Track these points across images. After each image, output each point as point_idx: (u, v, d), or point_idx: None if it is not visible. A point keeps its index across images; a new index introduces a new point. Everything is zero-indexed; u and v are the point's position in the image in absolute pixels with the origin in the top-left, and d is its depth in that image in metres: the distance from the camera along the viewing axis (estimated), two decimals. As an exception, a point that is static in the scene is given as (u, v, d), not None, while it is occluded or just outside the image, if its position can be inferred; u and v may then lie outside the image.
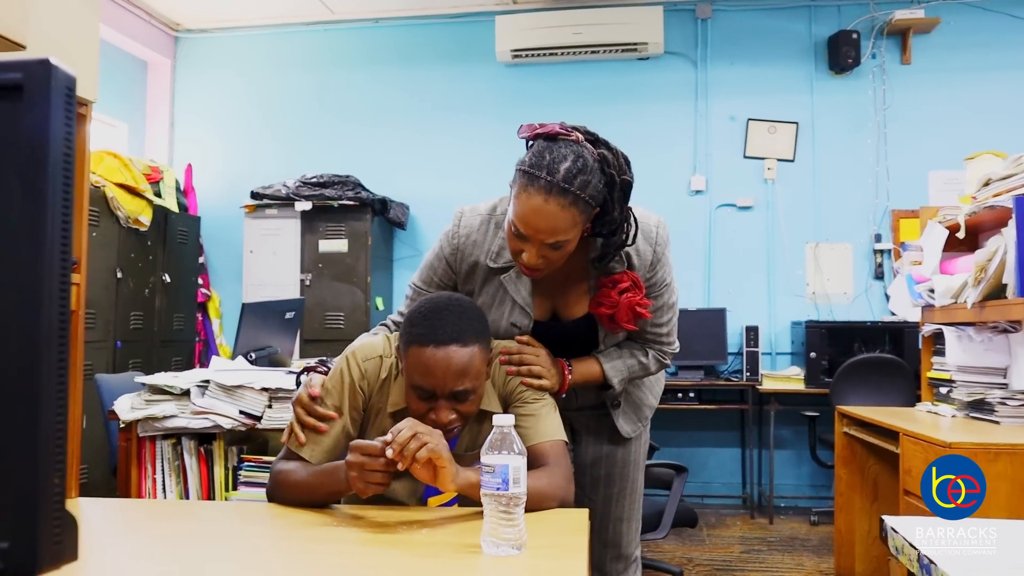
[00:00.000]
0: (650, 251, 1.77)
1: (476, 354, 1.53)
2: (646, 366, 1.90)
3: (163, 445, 2.87)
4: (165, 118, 6.01)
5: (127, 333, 4.76)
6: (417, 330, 1.53)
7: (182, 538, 1.39)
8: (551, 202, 1.54)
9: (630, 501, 2.04)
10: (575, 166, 1.54)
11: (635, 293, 1.72)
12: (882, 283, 5.26)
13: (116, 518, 1.57)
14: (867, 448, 3.54)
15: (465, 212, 1.84)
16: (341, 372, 1.68)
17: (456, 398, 1.53)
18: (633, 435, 2.02)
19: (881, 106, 5.30)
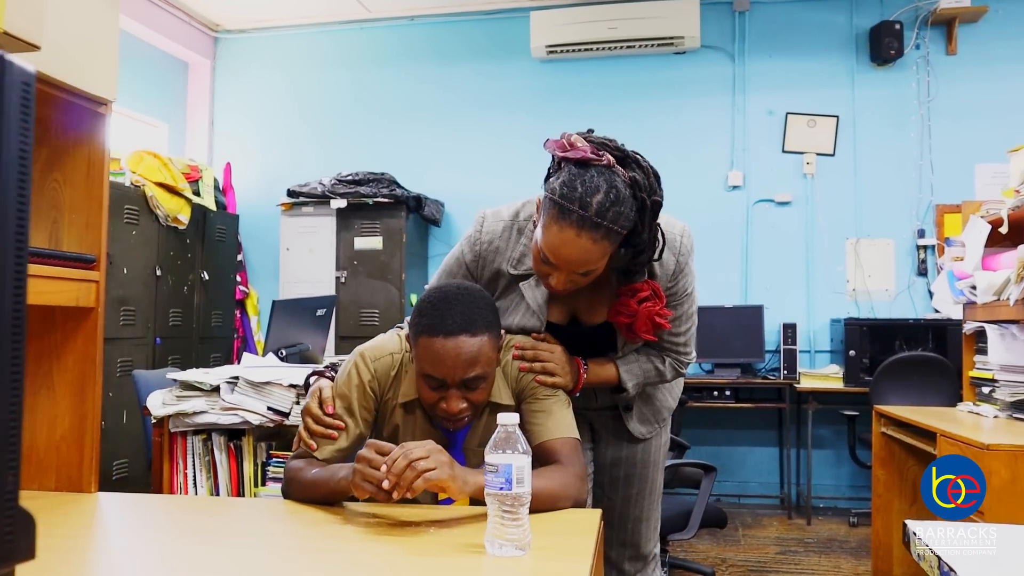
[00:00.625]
0: (673, 260, 1.73)
1: (486, 343, 1.53)
2: (662, 373, 1.86)
3: (194, 441, 2.91)
4: (205, 118, 6.10)
5: (166, 330, 4.84)
6: (426, 320, 1.52)
7: (188, 534, 1.40)
8: (583, 236, 1.50)
9: (649, 501, 2.01)
10: (607, 199, 1.49)
11: (655, 303, 1.68)
12: (925, 280, 5.13)
13: (129, 513, 1.59)
14: (906, 449, 3.45)
15: (487, 217, 1.81)
16: (350, 374, 1.68)
17: (467, 386, 1.53)
18: (649, 436, 1.99)
19: (925, 98, 5.16)
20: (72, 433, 1.63)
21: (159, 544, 1.34)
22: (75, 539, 1.34)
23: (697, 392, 4.91)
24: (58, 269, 1.55)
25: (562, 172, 1.55)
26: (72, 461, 1.63)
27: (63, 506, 1.53)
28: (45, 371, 1.65)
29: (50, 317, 1.65)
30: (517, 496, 1.20)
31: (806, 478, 4.90)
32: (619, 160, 1.56)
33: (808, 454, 4.84)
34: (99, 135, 1.67)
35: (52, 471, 1.64)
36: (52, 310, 1.64)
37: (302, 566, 1.20)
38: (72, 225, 1.66)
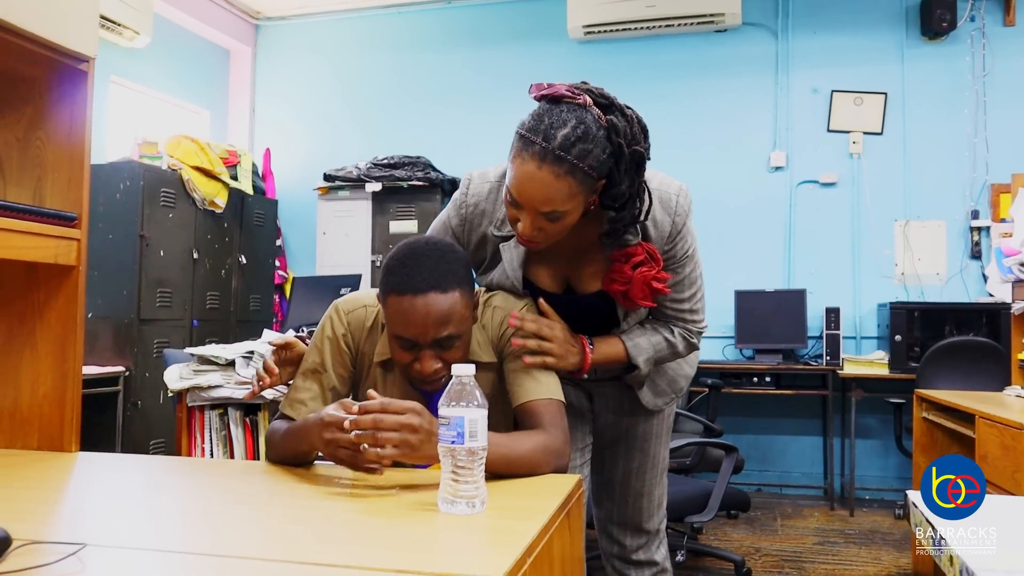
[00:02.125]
0: (668, 221, 1.62)
1: (458, 300, 1.45)
2: (673, 345, 1.74)
3: (211, 415, 2.92)
4: (246, 104, 6.16)
5: (203, 312, 4.89)
6: (395, 278, 1.46)
7: (150, 491, 1.38)
8: (544, 169, 1.42)
9: (651, 475, 1.93)
10: (574, 133, 1.41)
11: (650, 267, 1.58)
12: (979, 263, 4.89)
13: (103, 471, 1.57)
14: (949, 435, 3.29)
15: (474, 178, 1.73)
16: (323, 328, 1.65)
17: (440, 346, 1.47)
18: (664, 407, 1.90)
19: (980, 72, 4.92)
20: (54, 392, 1.63)
21: (123, 498, 1.31)
22: (46, 492, 1.32)
23: (736, 378, 4.78)
24: (38, 225, 1.54)
25: (535, 110, 1.49)
26: (54, 420, 1.62)
27: (41, 463, 1.52)
28: (28, 330, 1.64)
29: (33, 276, 1.64)
30: (470, 450, 1.14)
31: (850, 468, 4.72)
32: (600, 105, 1.47)
33: (852, 443, 4.67)
34: (81, 93, 1.65)
35: (35, 430, 1.63)
36: (35, 269, 1.63)
37: (251, 523, 1.16)
38: (56, 183, 1.66)
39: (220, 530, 1.10)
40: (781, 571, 3.54)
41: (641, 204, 1.55)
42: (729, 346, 5.06)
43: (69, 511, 1.24)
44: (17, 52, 1.54)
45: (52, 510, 1.23)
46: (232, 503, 1.27)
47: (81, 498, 1.33)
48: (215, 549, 0.99)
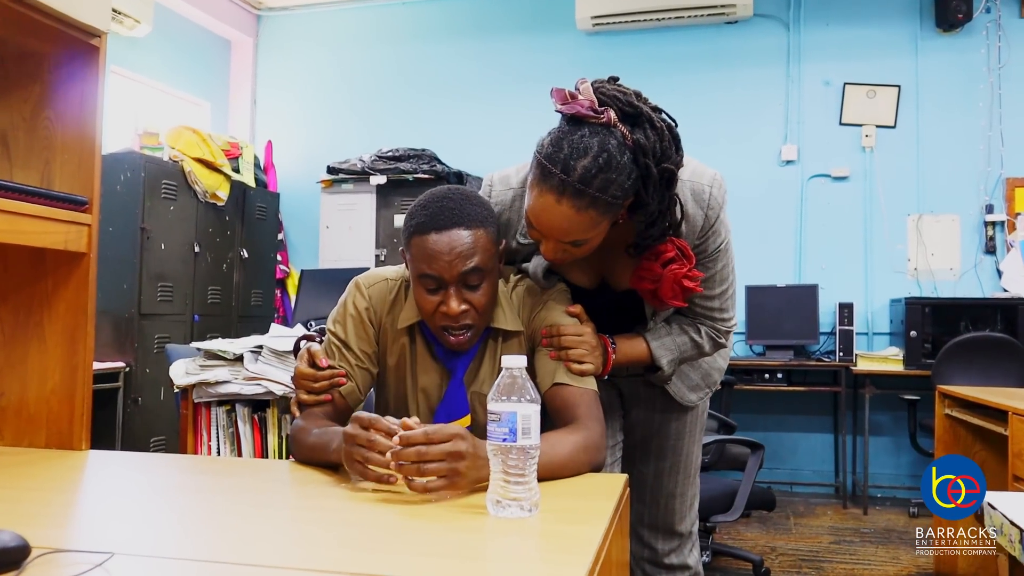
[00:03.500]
0: (700, 215, 1.52)
1: (482, 235, 1.42)
2: (699, 345, 1.66)
3: (218, 412, 2.83)
4: (247, 96, 6.05)
5: (205, 307, 4.80)
6: (417, 220, 1.42)
7: (176, 492, 1.29)
8: (564, 203, 1.34)
9: (684, 476, 1.84)
10: (595, 163, 1.32)
11: (682, 264, 1.49)
12: (993, 258, 4.83)
13: (119, 471, 1.48)
14: (972, 432, 3.22)
15: (495, 183, 1.64)
16: (346, 305, 1.59)
17: (466, 283, 1.42)
18: (698, 403, 1.82)
19: (995, 65, 4.85)
20: (63, 387, 1.53)
21: (144, 501, 1.22)
22: (60, 494, 1.23)
23: (747, 375, 4.70)
24: (47, 209, 1.45)
25: (554, 130, 1.40)
26: (63, 416, 1.53)
27: (50, 461, 1.43)
28: (36, 321, 1.55)
29: (40, 263, 1.55)
30: (523, 449, 1.06)
31: (862, 466, 4.65)
32: (628, 118, 1.37)
33: (865, 440, 4.59)
34: (93, 71, 1.56)
35: (42, 427, 1.54)
36: (43, 255, 1.54)
37: (289, 528, 1.08)
38: (65, 165, 1.57)
39: (252, 538, 1.01)
40: (799, 571, 3.46)
41: (672, 217, 1.47)
42: (740, 342, 4.98)
43: (88, 515, 1.15)
44: (24, 25, 1.45)
45: (69, 514, 1.14)
46: (261, 506, 1.18)
47: (99, 500, 1.24)
48: (248, 558, 0.90)
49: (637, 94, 1.42)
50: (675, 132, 1.42)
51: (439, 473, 1.13)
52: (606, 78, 1.46)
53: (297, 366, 1.57)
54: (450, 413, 1.55)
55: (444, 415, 1.56)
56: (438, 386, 1.57)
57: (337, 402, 1.53)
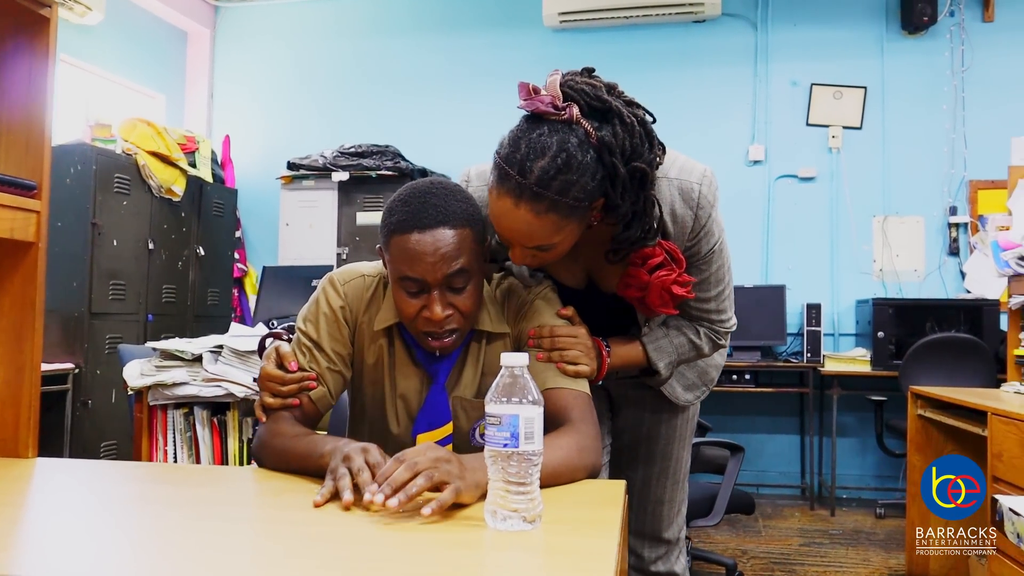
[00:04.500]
0: (690, 215, 1.42)
1: (468, 235, 1.31)
2: (698, 347, 1.58)
3: (174, 415, 2.69)
4: (204, 89, 5.87)
5: (159, 306, 4.62)
6: (398, 217, 1.31)
7: (137, 503, 1.17)
8: (523, 207, 1.25)
9: (672, 481, 1.76)
10: (553, 164, 1.23)
11: (671, 270, 1.40)
12: (957, 259, 4.86)
13: (70, 480, 1.35)
14: (944, 432, 3.20)
15: (472, 179, 1.54)
16: (318, 302, 1.46)
17: (450, 287, 1.31)
18: (695, 402, 1.74)
19: (959, 68, 4.88)
20: (8, 389, 1.40)
21: (98, 515, 1.10)
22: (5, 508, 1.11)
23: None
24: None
25: (513, 129, 1.31)
26: (7, 421, 1.40)
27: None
28: (-22, 316, 1.42)
29: (-16, 254, 1.42)
30: (525, 455, 0.97)
31: (829, 467, 4.64)
32: (595, 113, 1.28)
33: (832, 442, 4.59)
34: (42, 45, 1.44)
35: (-15, 433, 1.41)
36: (-14, 245, 1.41)
37: (274, 543, 0.97)
38: (11, 148, 1.44)
39: (222, 560, 0.90)
40: (772, 574, 3.42)
41: (649, 220, 1.36)
42: (707, 343, 4.94)
43: (35, 535, 1.03)
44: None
45: (14, 533, 1.02)
46: (229, 520, 1.07)
47: (49, 517, 1.11)
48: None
49: (610, 87, 1.33)
50: (649, 128, 1.33)
51: (431, 480, 1.03)
52: (580, 70, 1.37)
53: (263, 367, 1.44)
54: (431, 421, 1.45)
55: (424, 423, 1.46)
56: (418, 391, 1.47)
57: (306, 407, 1.42)
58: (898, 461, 4.74)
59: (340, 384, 1.46)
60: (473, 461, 1.12)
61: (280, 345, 1.46)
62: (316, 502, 1.07)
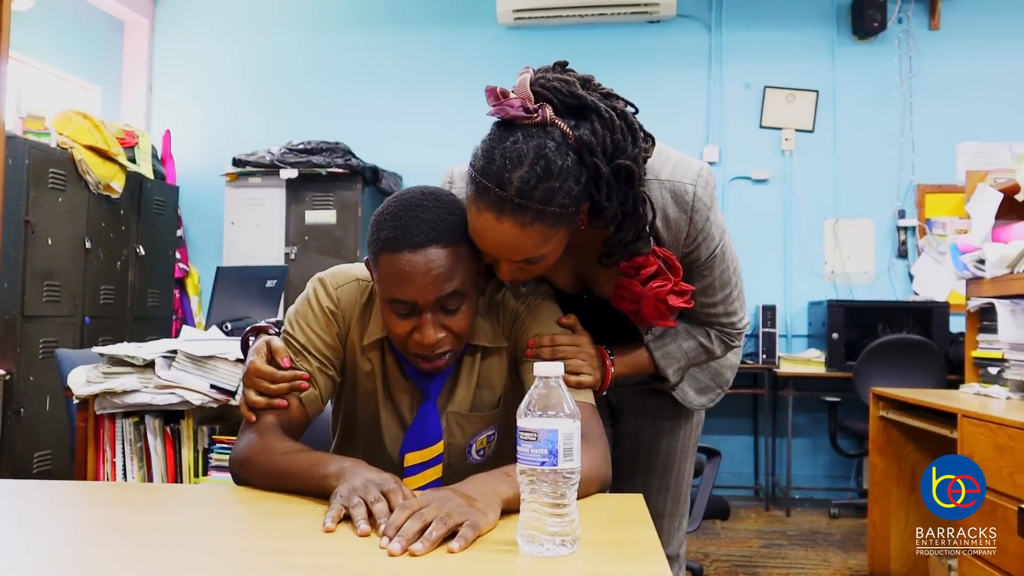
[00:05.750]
0: (684, 220, 1.32)
1: (463, 254, 1.22)
2: (709, 350, 1.49)
3: (123, 424, 2.52)
4: (142, 81, 5.62)
5: (97, 308, 4.39)
6: (387, 233, 1.20)
7: (90, 531, 1.05)
8: (506, 221, 1.16)
9: (675, 495, 1.69)
10: (533, 173, 1.14)
11: (665, 280, 1.31)
12: (905, 262, 4.94)
13: (11, 505, 1.22)
14: (905, 434, 3.23)
15: (456, 180, 1.43)
16: (310, 302, 1.36)
17: (443, 309, 1.22)
18: (708, 405, 1.66)
19: (907, 74, 4.97)
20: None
21: (47, 546, 0.98)
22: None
23: (671, 378, 4.64)
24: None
25: (486, 139, 1.22)
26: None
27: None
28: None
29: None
30: (563, 473, 0.89)
31: (784, 468, 4.67)
32: (570, 111, 1.20)
33: (788, 443, 4.61)
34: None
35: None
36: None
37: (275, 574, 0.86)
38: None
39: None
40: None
41: (643, 220, 1.27)
42: (662, 345, 4.92)
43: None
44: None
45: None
46: (227, 551, 0.96)
47: None
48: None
49: (584, 80, 1.26)
50: (631, 119, 1.25)
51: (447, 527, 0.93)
52: (551, 65, 1.29)
53: (251, 361, 1.32)
54: (420, 440, 1.36)
55: (413, 441, 1.37)
56: (409, 407, 1.38)
57: (294, 410, 1.31)
58: (850, 462, 4.80)
59: (330, 389, 1.37)
60: (476, 486, 1.04)
61: (272, 339, 1.35)
62: (328, 527, 0.96)
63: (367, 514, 0.98)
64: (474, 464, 1.38)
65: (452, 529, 0.93)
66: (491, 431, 1.39)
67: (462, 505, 0.97)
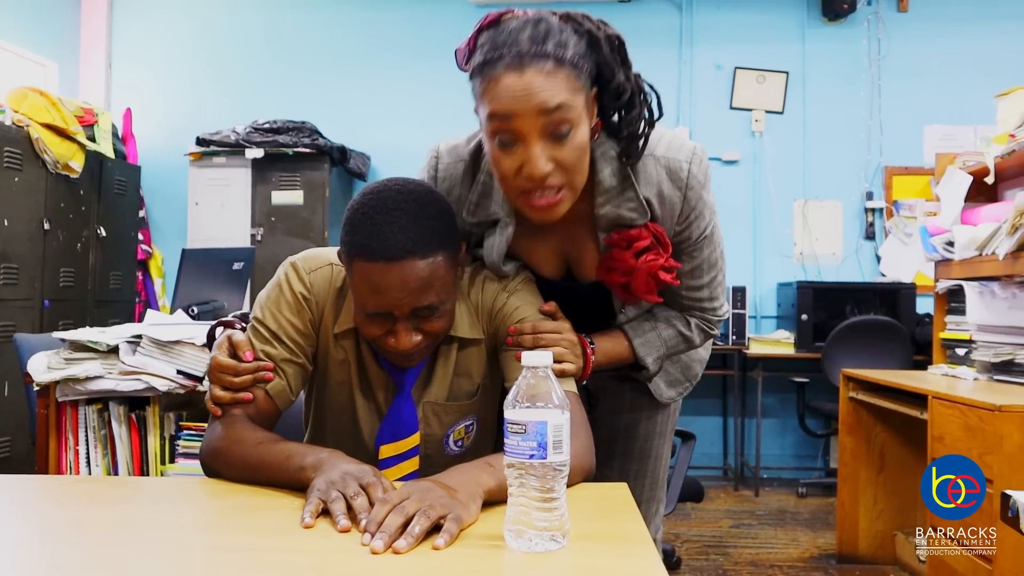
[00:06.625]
0: (678, 196, 1.32)
1: (441, 263, 1.18)
2: (689, 339, 1.48)
3: (87, 411, 2.45)
4: (101, 58, 5.47)
5: (56, 291, 4.28)
6: (361, 239, 1.16)
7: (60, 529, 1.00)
8: (528, 74, 1.13)
9: (652, 480, 1.67)
10: (538, 31, 1.15)
11: (657, 255, 1.31)
12: (873, 243, 4.99)
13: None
14: (874, 414, 3.26)
15: (443, 155, 1.39)
16: (281, 287, 1.31)
17: (418, 316, 1.19)
18: (677, 399, 1.65)
19: (876, 56, 4.99)
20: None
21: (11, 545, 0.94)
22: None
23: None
24: None
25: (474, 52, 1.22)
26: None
27: None
28: None
29: None
30: (552, 466, 0.86)
31: (753, 448, 4.70)
32: None
33: (758, 423, 4.65)
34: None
35: None
36: None
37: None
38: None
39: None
40: (707, 558, 3.43)
41: (648, 98, 1.28)
42: (633, 326, 4.93)
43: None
44: None
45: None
46: (198, 550, 0.93)
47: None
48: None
49: None
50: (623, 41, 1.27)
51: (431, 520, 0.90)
52: None
53: (214, 356, 1.28)
54: (395, 431, 1.33)
55: (388, 433, 1.33)
56: (384, 398, 1.34)
57: (261, 402, 1.27)
58: (817, 441, 4.86)
59: (301, 378, 1.32)
60: (457, 477, 1.01)
61: (233, 333, 1.30)
62: (306, 523, 0.93)
63: (346, 508, 0.95)
64: (452, 455, 1.35)
65: (435, 522, 0.90)
66: (469, 421, 1.36)
67: (444, 497, 0.94)
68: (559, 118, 1.15)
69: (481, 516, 0.97)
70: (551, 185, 1.19)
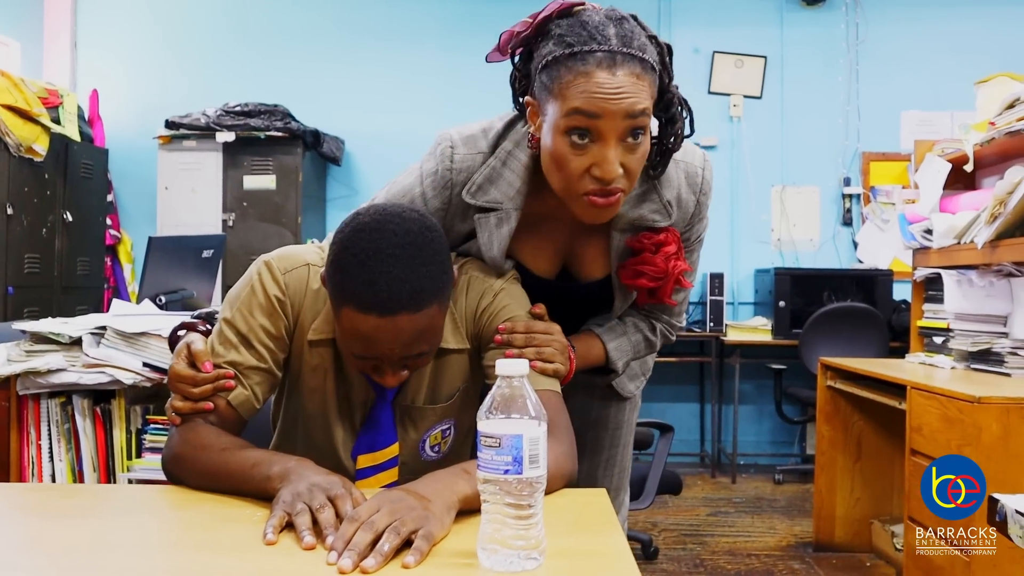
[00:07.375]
0: (693, 200, 1.35)
1: (435, 314, 1.12)
2: (652, 344, 1.51)
3: (49, 405, 2.38)
4: (66, 37, 5.31)
5: (20, 278, 4.17)
6: (352, 286, 1.08)
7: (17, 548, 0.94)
8: (620, 74, 1.11)
9: (620, 468, 1.66)
10: (623, 29, 1.13)
11: (680, 258, 1.34)
12: (850, 229, 4.98)
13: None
14: (852, 403, 3.25)
15: (458, 145, 1.30)
16: (253, 287, 1.24)
17: (407, 359, 1.15)
18: (636, 392, 1.64)
19: (854, 41, 4.96)
20: None
21: None
22: None
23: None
24: None
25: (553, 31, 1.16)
26: None
27: None
28: None
29: None
30: (529, 482, 0.81)
31: (731, 435, 4.70)
32: None
33: (735, 410, 4.64)
34: None
35: None
36: None
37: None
38: None
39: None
40: (684, 547, 3.42)
41: (687, 114, 1.28)
42: (610, 313, 4.90)
43: None
44: None
45: None
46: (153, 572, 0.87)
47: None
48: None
49: None
50: None
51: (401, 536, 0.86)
52: None
53: (172, 364, 1.21)
54: (372, 442, 1.28)
55: (365, 444, 1.28)
56: (362, 404, 1.28)
57: (223, 412, 1.19)
58: (794, 428, 4.86)
59: (268, 385, 1.24)
60: (431, 485, 0.97)
61: (193, 340, 1.23)
62: (269, 540, 0.88)
63: (312, 523, 0.90)
64: (429, 461, 1.30)
65: (406, 538, 0.85)
66: (446, 426, 1.31)
67: (415, 508, 0.89)
68: (640, 123, 1.14)
69: (454, 529, 0.92)
70: (615, 189, 1.18)
